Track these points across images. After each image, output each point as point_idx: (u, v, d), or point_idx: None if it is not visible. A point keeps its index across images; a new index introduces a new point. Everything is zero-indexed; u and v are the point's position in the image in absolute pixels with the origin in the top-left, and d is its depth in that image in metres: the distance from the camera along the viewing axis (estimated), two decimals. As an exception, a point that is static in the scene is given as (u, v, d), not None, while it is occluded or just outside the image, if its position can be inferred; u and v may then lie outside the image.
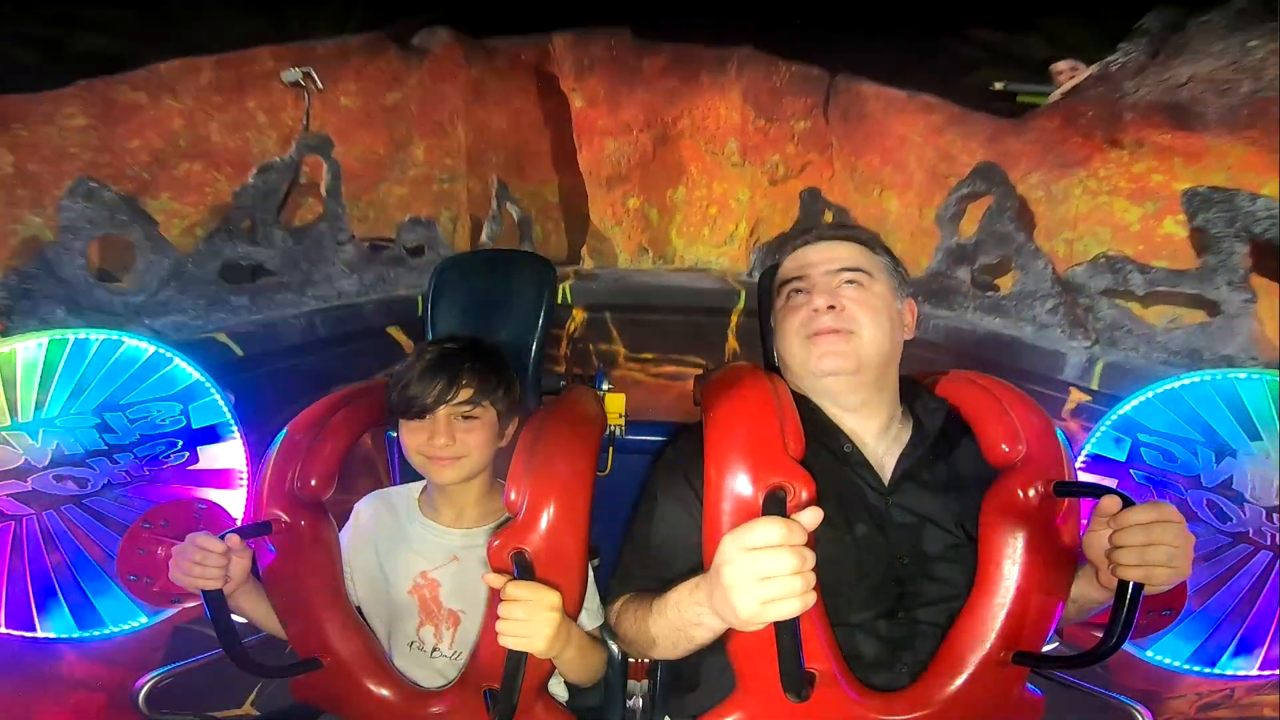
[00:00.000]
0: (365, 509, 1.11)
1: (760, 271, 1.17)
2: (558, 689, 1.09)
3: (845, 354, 0.91)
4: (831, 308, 0.92)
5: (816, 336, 0.92)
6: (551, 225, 4.65)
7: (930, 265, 2.92)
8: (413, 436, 1.00)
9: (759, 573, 0.65)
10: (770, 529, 0.66)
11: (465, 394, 1.00)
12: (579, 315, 3.53)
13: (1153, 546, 0.73)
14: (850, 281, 0.94)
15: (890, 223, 3.63)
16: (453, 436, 0.99)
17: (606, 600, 1.00)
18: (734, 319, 3.49)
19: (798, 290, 0.97)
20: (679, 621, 0.80)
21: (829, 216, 3.73)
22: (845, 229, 1.04)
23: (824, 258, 0.98)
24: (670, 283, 3.83)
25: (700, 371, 3.13)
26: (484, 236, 3.74)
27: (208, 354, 2.02)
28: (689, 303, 3.59)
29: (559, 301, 3.34)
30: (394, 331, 2.92)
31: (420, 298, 2.82)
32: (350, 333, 2.71)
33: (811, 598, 0.65)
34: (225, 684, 0.98)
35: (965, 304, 2.75)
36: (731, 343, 3.53)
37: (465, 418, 1.01)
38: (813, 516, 0.68)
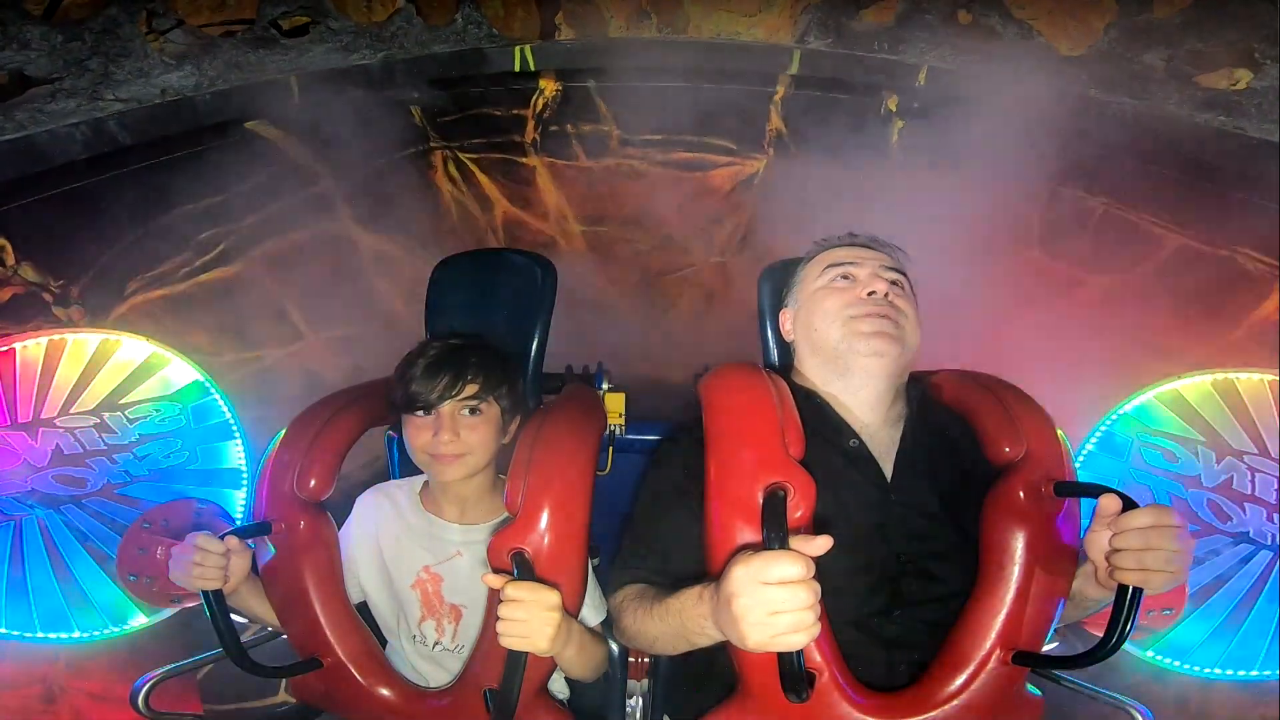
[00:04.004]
0: (366, 503, 1.10)
1: (807, 40, 1.08)
2: (558, 687, 1.10)
3: (893, 337, 0.93)
4: (886, 295, 0.97)
5: (867, 316, 0.94)
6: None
7: (1096, 45, 2.22)
8: (417, 433, 1.00)
9: (773, 607, 0.65)
10: (790, 566, 0.65)
11: (470, 390, 1.00)
12: (548, 86, 2.52)
13: (1151, 551, 0.73)
14: (894, 284, 0.99)
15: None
16: (456, 432, 0.99)
17: (607, 589, 1.00)
18: (780, 89, 2.49)
19: (845, 276, 1.00)
20: (680, 629, 0.81)
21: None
22: (889, 246, 1.07)
23: (874, 256, 1.02)
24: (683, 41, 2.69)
25: (730, 160, 2.66)
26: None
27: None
28: (713, 64, 2.50)
29: (516, 69, 2.47)
30: (257, 127, 2.11)
31: (294, 79, 2.04)
32: (177, 135, 1.96)
33: (818, 627, 0.65)
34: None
35: (1163, 95, 2.09)
36: (774, 121, 2.58)
37: (471, 412, 1.01)
38: (823, 545, 0.67)
